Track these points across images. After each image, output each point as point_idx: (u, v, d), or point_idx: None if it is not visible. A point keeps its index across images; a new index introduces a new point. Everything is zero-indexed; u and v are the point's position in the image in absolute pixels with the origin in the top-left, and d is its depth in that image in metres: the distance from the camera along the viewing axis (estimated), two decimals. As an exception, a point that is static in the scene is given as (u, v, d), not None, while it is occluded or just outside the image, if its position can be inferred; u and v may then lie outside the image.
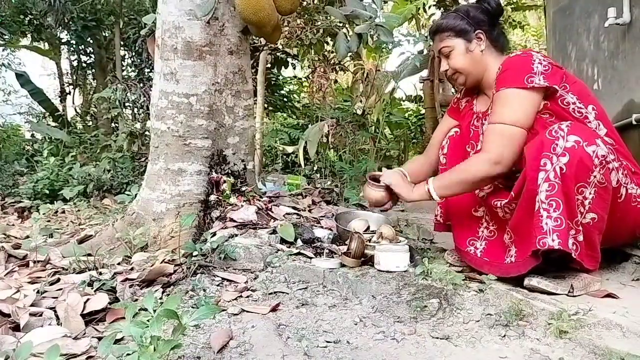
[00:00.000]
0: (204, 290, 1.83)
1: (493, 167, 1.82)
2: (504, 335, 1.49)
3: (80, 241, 2.47)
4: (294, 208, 2.69)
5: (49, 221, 3.19)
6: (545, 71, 1.80)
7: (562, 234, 1.62)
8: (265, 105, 6.28)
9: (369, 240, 2.14)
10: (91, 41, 7.44)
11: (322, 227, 2.46)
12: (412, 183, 2.07)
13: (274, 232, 2.27)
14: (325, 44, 5.91)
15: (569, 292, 1.71)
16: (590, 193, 1.65)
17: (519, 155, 1.81)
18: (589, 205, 1.66)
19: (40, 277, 2.02)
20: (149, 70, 6.02)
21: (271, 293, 1.83)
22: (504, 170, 1.82)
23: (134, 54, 6.78)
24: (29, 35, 8.10)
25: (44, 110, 7.89)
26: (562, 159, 1.63)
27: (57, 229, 2.94)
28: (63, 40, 8.14)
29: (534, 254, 1.71)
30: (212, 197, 2.46)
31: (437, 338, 1.50)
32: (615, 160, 1.71)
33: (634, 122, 2.33)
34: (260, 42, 5.28)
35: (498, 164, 1.81)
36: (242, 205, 2.45)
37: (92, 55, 7.92)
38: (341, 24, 4.58)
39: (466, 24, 1.99)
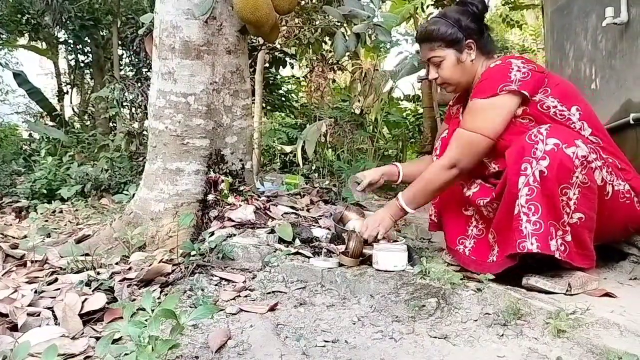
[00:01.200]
0: (202, 290, 1.83)
1: (447, 172, 1.90)
2: (502, 335, 1.49)
3: (78, 241, 2.47)
4: (292, 207, 2.69)
5: (46, 221, 3.18)
6: (523, 78, 1.81)
7: (541, 237, 1.65)
8: (264, 105, 6.28)
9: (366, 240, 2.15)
10: (89, 40, 7.43)
11: (320, 226, 2.46)
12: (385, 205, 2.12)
13: (272, 231, 2.27)
14: (323, 44, 5.90)
15: (566, 291, 1.71)
16: (574, 194, 1.67)
17: (480, 160, 1.91)
18: (575, 205, 1.68)
19: (38, 277, 2.02)
20: (146, 69, 6.00)
21: (269, 292, 1.83)
22: (459, 173, 1.90)
23: (131, 53, 6.76)
24: (26, 35, 8.08)
25: (41, 110, 7.87)
26: (542, 162, 1.65)
27: (55, 228, 2.93)
28: (60, 40, 8.11)
29: (512, 256, 1.74)
30: (210, 197, 2.46)
31: (435, 337, 1.50)
32: (597, 159, 1.73)
33: (631, 122, 2.33)
34: (258, 42, 5.27)
35: (452, 168, 1.89)
36: (240, 205, 2.45)
37: (90, 55, 7.90)
38: (339, 24, 4.57)
39: (457, 34, 1.95)
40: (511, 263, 1.76)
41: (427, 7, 5.96)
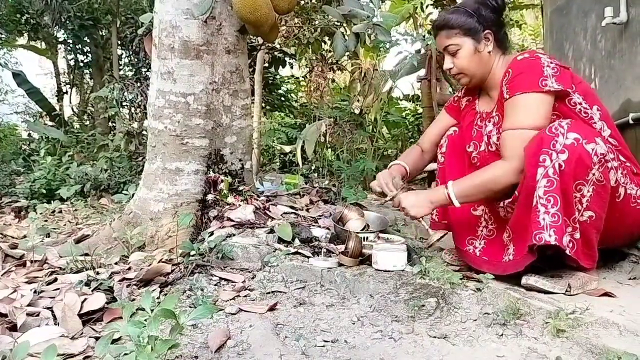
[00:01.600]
0: (202, 290, 1.83)
1: (514, 175, 1.79)
2: (502, 334, 1.49)
3: (78, 241, 2.47)
4: (291, 207, 2.69)
5: (46, 221, 3.18)
6: (555, 74, 1.78)
7: (559, 230, 1.63)
8: (263, 105, 6.28)
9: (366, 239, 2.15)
10: (88, 40, 7.43)
11: (319, 226, 2.46)
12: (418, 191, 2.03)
13: (272, 231, 2.27)
14: (322, 43, 5.90)
15: (566, 291, 1.71)
16: (588, 191, 1.65)
17: None
18: (587, 203, 1.66)
19: (38, 277, 2.02)
20: (146, 69, 6.01)
21: (269, 292, 1.83)
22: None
23: (131, 53, 6.76)
24: (25, 35, 8.08)
25: (41, 110, 7.88)
26: (561, 156, 1.62)
27: (54, 228, 2.93)
28: (60, 40, 8.12)
29: (530, 249, 1.71)
30: (210, 197, 2.46)
31: (435, 337, 1.50)
32: (614, 159, 1.71)
33: (630, 121, 2.34)
34: (258, 42, 5.27)
35: (519, 173, 1.77)
36: (239, 205, 2.45)
37: (89, 55, 7.90)
38: (339, 23, 4.57)
39: (476, 23, 1.92)
40: (531, 258, 1.72)
41: (427, 6, 5.96)
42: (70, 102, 8.53)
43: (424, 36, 5.07)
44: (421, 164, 2.32)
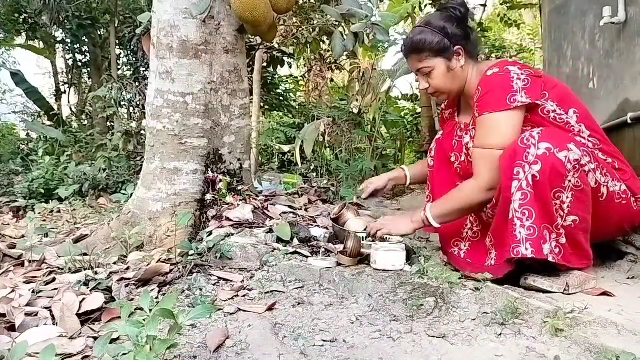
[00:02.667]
0: (200, 290, 1.83)
1: (487, 194, 1.85)
2: (500, 334, 1.49)
3: (76, 241, 2.47)
4: (290, 207, 2.69)
5: (44, 220, 3.18)
6: (525, 86, 1.80)
7: (535, 242, 1.66)
8: (262, 104, 6.28)
9: (365, 239, 2.15)
10: (86, 40, 7.42)
11: (318, 226, 2.46)
12: (405, 214, 2.11)
13: (270, 231, 2.27)
14: (321, 43, 5.90)
15: (564, 290, 1.72)
16: (567, 197, 1.66)
17: None
18: (568, 208, 1.67)
19: (36, 277, 2.01)
20: (144, 69, 6.01)
21: (267, 292, 1.83)
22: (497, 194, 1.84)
23: (129, 52, 6.76)
24: (23, 34, 8.07)
25: (39, 109, 7.86)
26: (534, 167, 1.64)
27: (53, 228, 2.93)
28: (58, 39, 8.11)
29: (509, 260, 1.74)
30: (208, 196, 2.46)
31: (434, 337, 1.50)
32: (590, 161, 1.72)
33: (629, 121, 2.34)
34: (256, 41, 5.27)
35: (491, 190, 1.84)
36: (238, 205, 2.45)
37: (88, 54, 7.89)
38: (337, 23, 4.58)
39: (444, 41, 1.92)
40: (510, 268, 1.76)
41: (425, 6, 5.96)
42: (69, 102, 8.52)
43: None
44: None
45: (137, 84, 5.31)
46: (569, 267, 1.74)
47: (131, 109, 5.73)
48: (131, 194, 2.59)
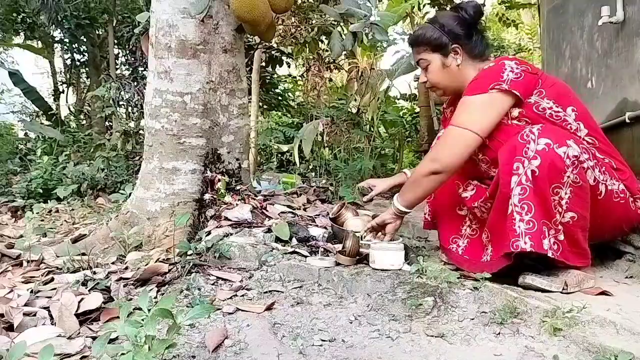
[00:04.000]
0: (199, 289, 1.83)
1: (430, 165, 1.89)
2: (499, 333, 1.49)
3: (74, 240, 2.46)
4: (288, 207, 2.69)
5: (42, 220, 3.17)
6: (515, 78, 1.81)
7: (535, 236, 1.66)
8: (260, 104, 6.27)
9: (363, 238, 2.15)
10: (85, 39, 7.41)
11: (317, 225, 2.46)
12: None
13: (269, 230, 2.27)
14: (319, 43, 5.90)
15: (562, 289, 1.72)
16: (565, 193, 1.67)
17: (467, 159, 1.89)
18: (567, 205, 1.68)
19: (34, 277, 2.01)
20: (142, 68, 5.99)
21: (266, 292, 1.83)
22: (441, 168, 1.87)
23: (127, 52, 6.74)
24: (22, 34, 8.06)
25: (37, 109, 7.85)
26: (533, 162, 1.65)
27: (51, 228, 2.92)
28: (56, 39, 8.10)
29: (507, 255, 1.74)
30: (207, 196, 2.46)
31: (432, 336, 1.50)
32: (590, 159, 1.72)
33: (627, 120, 2.34)
34: (255, 41, 5.26)
35: (435, 161, 1.88)
36: (237, 204, 2.45)
37: (86, 54, 7.88)
38: (336, 23, 4.58)
39: (443, 39, 1.98)
40: (506, 262, 1.76)
41: (424, 5, 5.96)
42: (67, 102, 8.50)
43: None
44: None
45: (135, 83, 5.30)
46: (567, 265, 1.74)
47: (129, 108, 5.72)
48: (129, 194, 2.59)
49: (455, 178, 2.11)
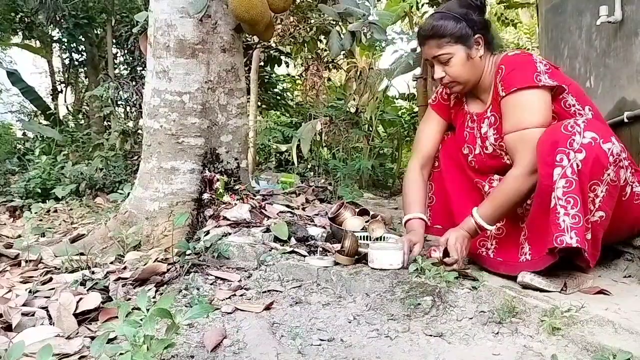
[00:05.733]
0: (198, 289, 1.83)
1: (531, 179, 1.74)
2: (497, 332, 1.49)
3: (73, 240, 2.46)
4: (287, 206, 2.69)
5: (41, 220, 3.17)
6: (548, 71, 1.77)
7: (580, 231, 1.58)
8: (259, 104, 6.28)
9: (362, 238, 2.15)
10: (83, 39, 7.39)
11: (315, 225, 2.46)
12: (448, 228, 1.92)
13: (268, 230, 2.27)
14: (318, 42, 5.90)
15: (561, 289, 1.71)
16: (601, 191, 1.62)
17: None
18: (600, 203, 1.63)
19: (33, 277, 2.01)
20: (141, 68, 5.99)
21: (265, 291, 1.83)
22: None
23: (126, 52, 6.73)
24: (20, 33, 8.04)
25: (35, 109, 7.84)
26: (578, 155, 1.58)
27: (49, 228, 2.92)
28: (54, 38, 8.08)
29: (550, 251, 1.65)
30: (206, 196, 2.46)
31: (431, 335, 1.50)
32: (626, 158, 1.69)
33: (625, 120, 2.34)
34: (253, 40, 5.26)
35: (535, 173, 1.72)
36: (235, 204, 2.45)
37: (84, 53, 7.86)
38: (334, 22, 4.57)
39: (466, 28, 1.86)
40: (552, 259, 1.66)
41: (422, 5, 5.96)
42: (65, 101, 8.49)
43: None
44: (425, 191, 2.16)
45: (133, 83, 5.29)
46: (569, 265, 1.73)
47: (128, 108, 5.71)
48: (128, 194, 2.59)
49: (474, 175, 2.04)
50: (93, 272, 1.97)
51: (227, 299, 1.77)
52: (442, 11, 1.94)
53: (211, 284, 1.88)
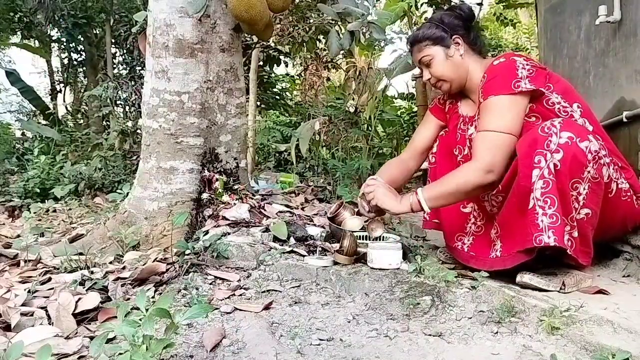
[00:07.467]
0: (197, 289, 1.83)
1: (485, 176, 1.80)
2: (496, 332, 1.49)
3: (72, 240, 2.46)
4: (286, 206, 2.69)
5: (39, 220, 3.17)
6: (530, 74, 1.82)
7: (558, 230, 1.63)
8: (258, 103, 6.27)
9: (361, 238, 2.15)
10: (82, 39, 7.39)
11: (315, 224, 2.46)
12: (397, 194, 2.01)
13: (267, 230, 2.27)
14: (317, 42, 5.89)
15: (560, 288, 1.72)
16: (584, 189, 1.66)
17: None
18: (584, 201, 1.67)
19: (32, 277, 2.01)
20: (140, 68, 5.99)
21: (264, 291, 1.83)
22: (496, 178, 1.81)
23: (125, 51, 6.73)
24: (19, 33, 8.04)
25: (34, 109, 7.84)
26: (556, 156, 1.63)
27: (48, 228, 2.92)
28: (53, 38, 8.08)
29: (527, 250, 1.71)
30: (205, 196, 2.45)
31: (430, 335, 1.50)
32: (606, 155, 1.73)
33: (624, 120, 2.34)
34: (252, 40, 5.26)
35: (490, 172, 1.80)
36: (234, 204, 2.45)
37: (83, 53, 7.86)
38: (333, 22, 4.57)
39: (442, 31, 2.01)
40: (525, 258, 1.72)
41: (421, 5, 5.96)
42: (64, 101, 8.49)
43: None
44: (402, 175, 2.24)
45: (132, 82, 5.29)
46: (568, 265, 1.74)
47: (127, 108, 5.70)
48: (127, 193, 2.59)
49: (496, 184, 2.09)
50: (92, 272, 1.97)
51: (226, 298, 1.77)
52: (423, 22, 2.15)
53: (210, 284, 1.88)
